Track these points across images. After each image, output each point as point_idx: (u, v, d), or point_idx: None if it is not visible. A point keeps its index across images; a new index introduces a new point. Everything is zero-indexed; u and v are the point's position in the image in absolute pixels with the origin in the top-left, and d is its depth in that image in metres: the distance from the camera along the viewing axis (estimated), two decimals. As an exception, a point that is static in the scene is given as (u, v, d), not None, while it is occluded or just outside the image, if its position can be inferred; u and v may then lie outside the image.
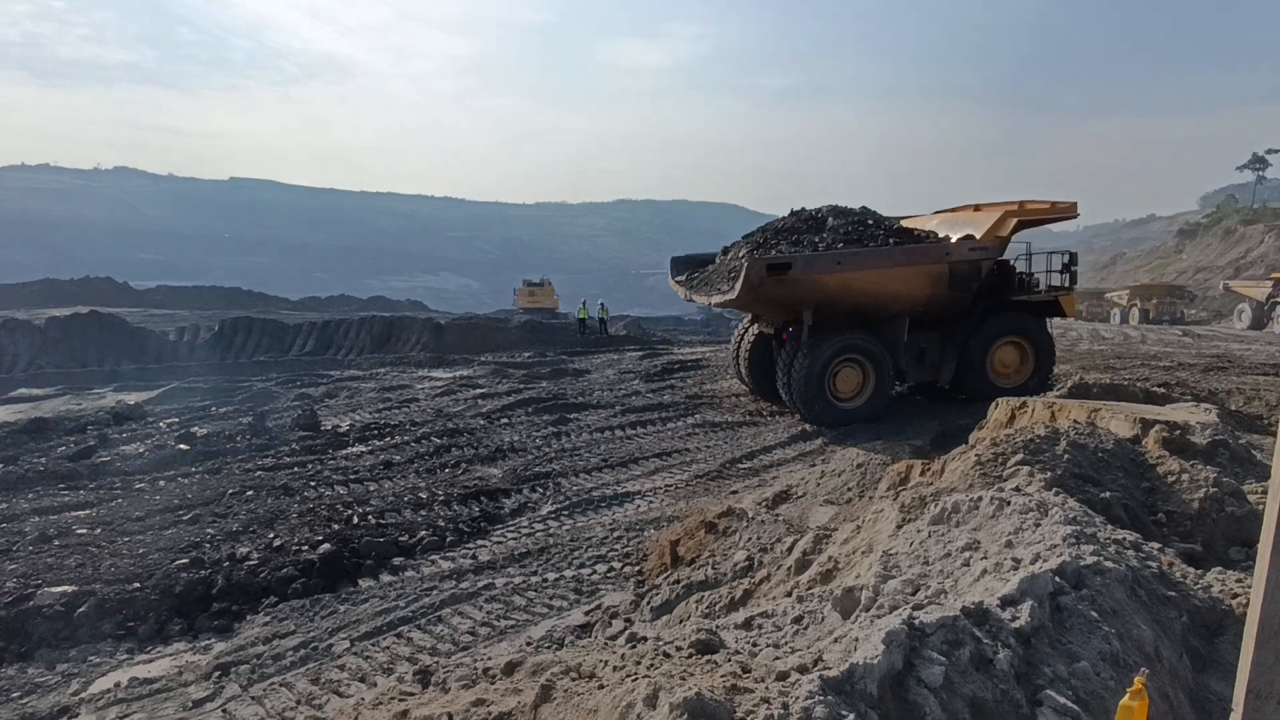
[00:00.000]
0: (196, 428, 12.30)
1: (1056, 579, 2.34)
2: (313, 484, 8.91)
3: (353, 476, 9.24)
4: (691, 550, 6.24)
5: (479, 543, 7.17)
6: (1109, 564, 2.55)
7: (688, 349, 23.66)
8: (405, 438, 11.30)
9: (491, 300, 79.51)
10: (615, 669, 2.03)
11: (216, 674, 4.91)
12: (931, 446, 9.58)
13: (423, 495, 8.37)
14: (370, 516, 7.63)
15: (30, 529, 7.46)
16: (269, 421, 12.33)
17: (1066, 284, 12.85)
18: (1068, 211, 11.89)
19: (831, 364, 11.13)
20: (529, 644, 5.12)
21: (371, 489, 8.78)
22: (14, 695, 4.78)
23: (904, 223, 12.82)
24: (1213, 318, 40.25)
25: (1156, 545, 3.48)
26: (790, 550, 4.73)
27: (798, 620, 2.72)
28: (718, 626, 2.73)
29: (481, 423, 12.30)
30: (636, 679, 1.87)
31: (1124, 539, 3.13)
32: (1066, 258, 12.93)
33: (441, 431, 11.56)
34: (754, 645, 2.38)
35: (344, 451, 10.63)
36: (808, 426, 11.32)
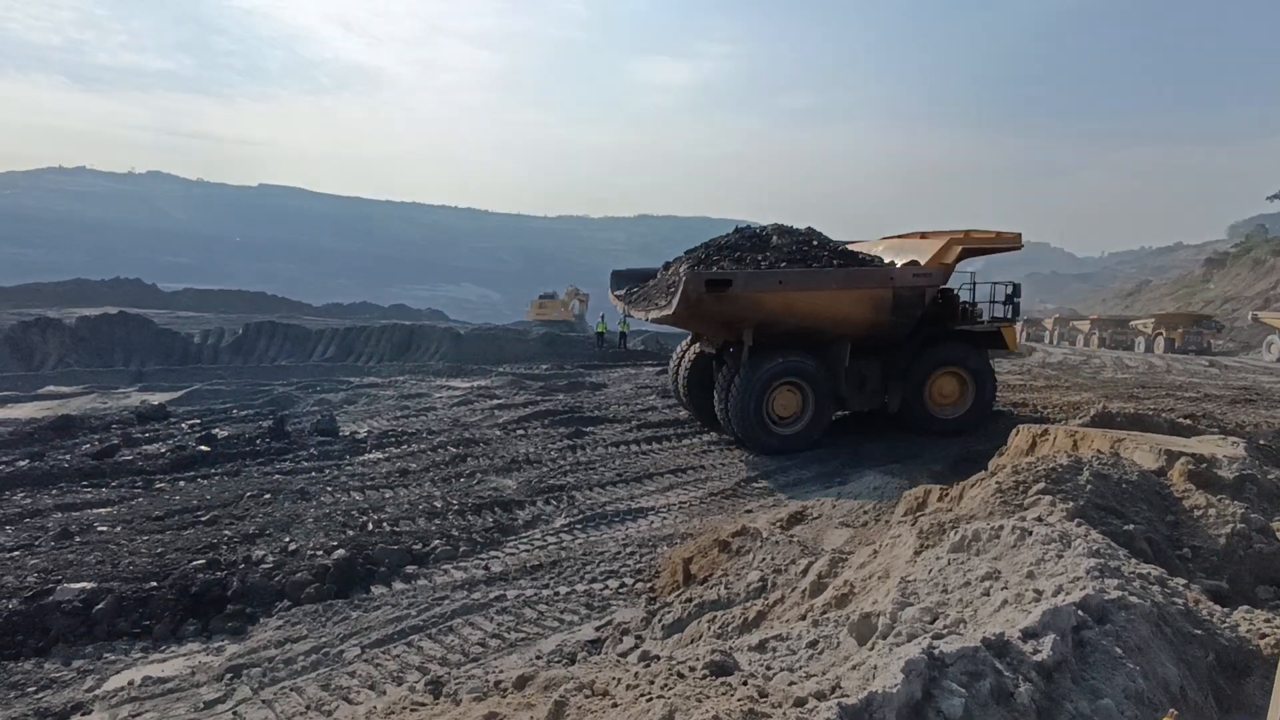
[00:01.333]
0: (218, 429, 12.46)
1: (1080, 612, 2.29)
2: (329, 489, 8.97)
3: (369, 483, 9.29)
4: (704, 569, 6.20)
5: (491, 553, 7.17)
6: (1134, 599, 2.50)
7: (705, 366, 23.59)
8: (422, 446, 11.36)
9: (511, 311, 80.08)
10: (629, 687, 2.02)
11: (228, 676, 4.93)
12: (950, 472, 9.47)
13: (437, 504, 8.39)
14: (385, 523, 7.66)
15: (53, 525, 7.57)
16: (288, 426, 12.45)
17: (1009, 315, 12.61)
18: (1012, 242, 11.73)
19: (770, 386, 10.84)
20: (539, 657, 5.09)
21: (387, 496, 8.82)
22: (30, 690, 4.82)
23: (850, 247, 12.63)
24: (1241, 349, 39.52)
25: (1182, 581, 3.40)
26: (805, 573, 4.68)
27: (813, 645, 2.68)
28: (731, 648, 2.70)
29: (498, 433, 12.34)
30: (651, 699, 1.86)
31: (1149, 573, 3.06)
32: (1010, 289, 12.67)
33: (458, 441, 11.61)
34: (768, 668, 2.35)
35: (361, 458, 10.70)
36: (825, 449, 11.22)
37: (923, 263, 11.30)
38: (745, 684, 1.94)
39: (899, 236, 13.11)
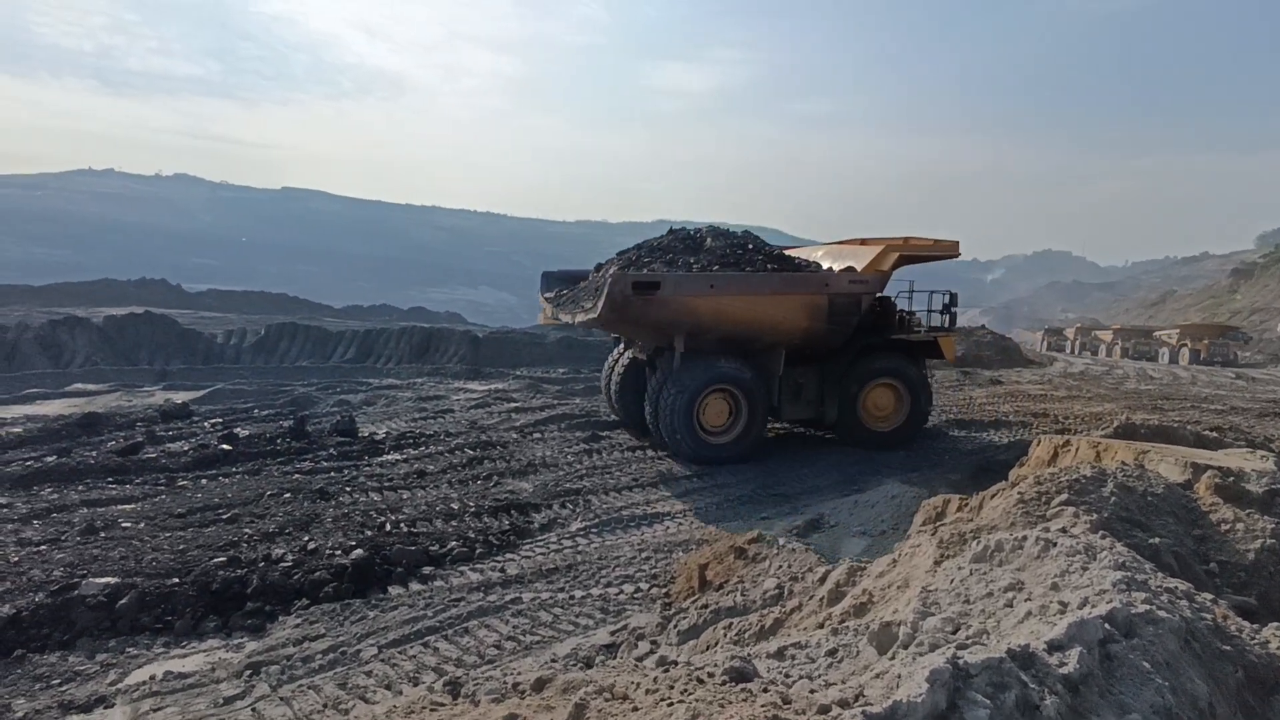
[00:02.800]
0: (239, 429, 12.60)
1: (1106, 625, 2.26)
2: (348, 489, 9.05)
3: (387, 484, 9.36)
4: (720, 575, 6.18)
5: (507, 556, 7.20)
6: (1161, 613, 2.46)
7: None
8: (439, 448, 11.42)
9: (528, 315, 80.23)
10: (649, 692, 2.01)
11: (247, 673, 4.99)
12: (969, 482, 9.38)
13: (454, 506, 8.44)
14: (402, 524, 7.71)
15: (79, 520, 7.69)
16: (308, 426, 12.56)
17: (946, 325, 12.41)
18: (950, 250, 11.62)
19: (701, 394, 10.51)
20: (554, 661, 5.11)
21: (404, 497, 8.88)
22: (54, 682, 4.90)
23: (789, 252, 12.46)
24: (1269, 361, 38.80)
25: (1209, 596, 3.34)
26: (822, 580, 4.65)
27: (832, 653, 2.67)
28: (750, 654, 2.69)
29: (514, 436, 12.38)
30: (672, 704, 1.85)
31: (1176, 588, 3.01)
32: (947, 298, 12.46)
33: (475, 443, 11.66)
34: (788, 676, 2.34)
35: (379, 459, 10.78)
36: (842, 456, 11.15)
37: (859, 269, 11.13)
38: (766, 691, 1.93)
39: (839, 243, 12.93)
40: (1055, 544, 3.02)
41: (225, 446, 10.98)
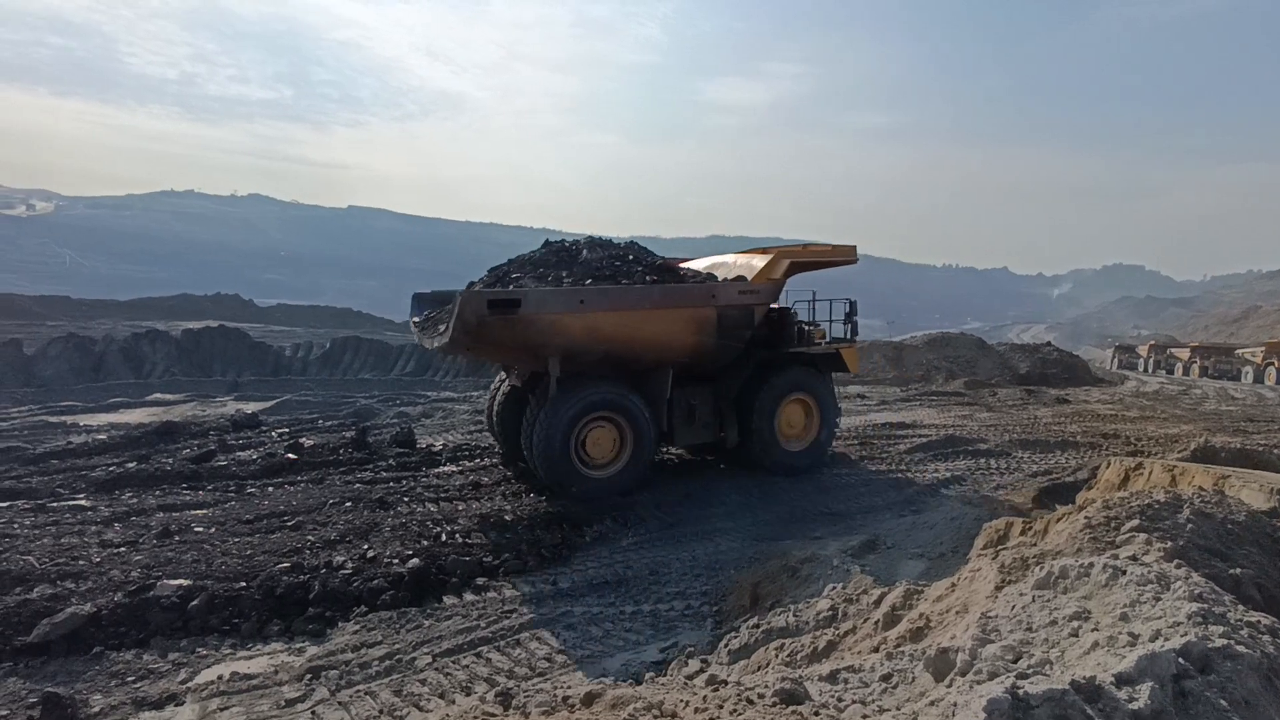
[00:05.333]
0: (304, 439, 13.05)
1: (1180, 660, 2.15)
2: (406, 499, 9.26)
3: (443, 495, 9.55)
4: (772, 594, 6.11)
5: (559, 569, 7.24)
6: (1241, 648, 2.32)
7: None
8: (494, 460, 11.60)
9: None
10: (697, 710, 2.01)
11: (308, 676, 5.14)
12: (1033, 505, 9.04)
13: (507, 518, 8.54)
14: (457, 535, 7.85)
15: (155, 524, 8.08)
16: (369, 437, 12.93)
17: (848, 336, 11.68)
18: (847, 256, 10.97)
19: (580, 422, 9.46)
20: (604, 675, 5.11)
21: (460, 508, 9.03)
22: (129, 679, 5.14)
23: (682, 265, 11.62)
24: (1367, 382, 36.22)
25: (1297, 632, 3.14)
26: (878, 603, 4.54)
27: (886, 678, 2.60)
28: (801, 676, 2.65)
29: (567, 450, 12.47)
30: (720, 723, 1.85)
31: (1259, 622, 2.84)
32: (848, 307, 11.71)
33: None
34: (840, 700, 2.29)
35: (436, 470, 11.01)
36: (899, 475, 10.89)
37: (749, 279, 10.40)
38: (817, 714, 1.90)
39: (735, 254, 12.06)
40: (1125, 572, 2.89)
41: (291, 456, 11.39)
